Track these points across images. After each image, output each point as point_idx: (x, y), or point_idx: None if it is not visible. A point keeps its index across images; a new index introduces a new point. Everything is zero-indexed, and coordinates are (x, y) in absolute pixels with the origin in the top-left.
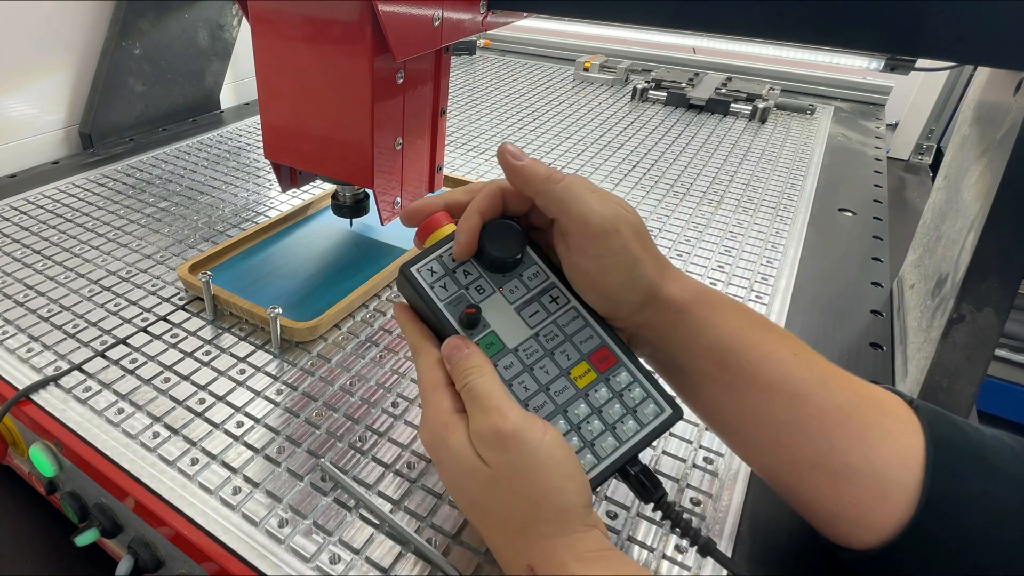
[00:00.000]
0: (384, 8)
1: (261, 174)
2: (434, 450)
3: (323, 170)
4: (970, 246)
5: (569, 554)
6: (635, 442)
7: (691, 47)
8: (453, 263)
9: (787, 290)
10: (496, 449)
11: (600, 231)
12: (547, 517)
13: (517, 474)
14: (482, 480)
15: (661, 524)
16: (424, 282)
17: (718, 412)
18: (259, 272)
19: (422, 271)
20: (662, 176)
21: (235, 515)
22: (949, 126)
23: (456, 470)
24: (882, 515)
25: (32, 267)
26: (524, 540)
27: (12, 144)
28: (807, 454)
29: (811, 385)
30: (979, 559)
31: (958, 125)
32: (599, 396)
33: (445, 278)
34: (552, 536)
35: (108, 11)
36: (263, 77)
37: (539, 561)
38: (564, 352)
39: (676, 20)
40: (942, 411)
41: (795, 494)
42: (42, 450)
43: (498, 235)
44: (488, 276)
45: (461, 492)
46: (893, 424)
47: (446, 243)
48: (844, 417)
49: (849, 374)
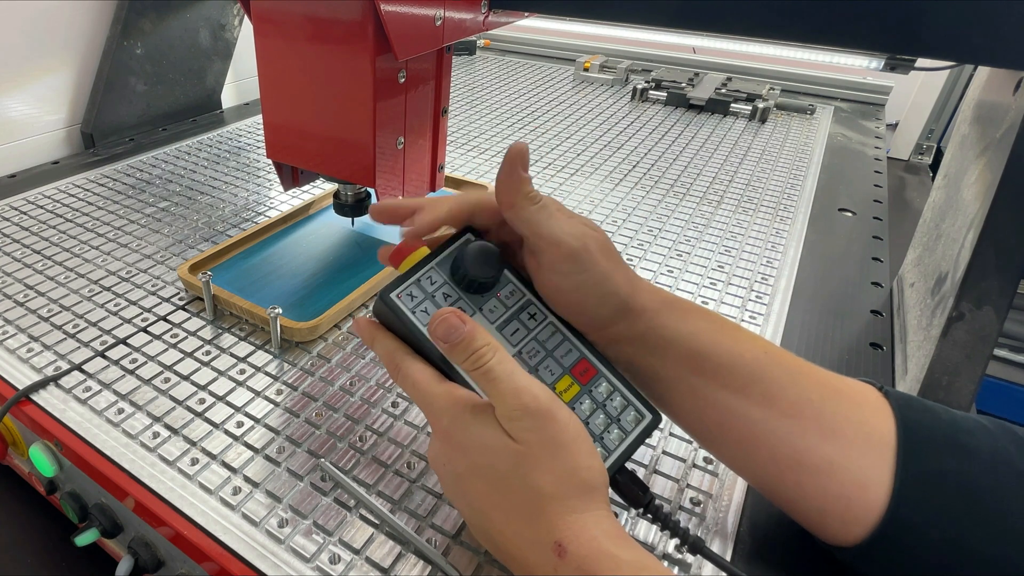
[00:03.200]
0: (386, 8)
1: (261, 174)
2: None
3: (325, 169)
4: (969, 244)
5: (598, 529)
6: (622, 451)
7: (691, 47)
8: (432, 285)
9: (787, 290)
10: (531, 428)
11: (570, 250)
12: (576, 492)
13: (552, 448)
14: (514, 457)
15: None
16: (406, 308)
17: (695, 417)
18: (259, 272)
19: (402, 297)
20: (662, 176)
21: (235, 515)
22: (949, 126)
23: (483, 452)
24: (863, 505)
25: (32, 267)
26: (550, 517)
27: (12, 144)
28: (785, 451)
29: (782, 383)
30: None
31: (958, 124)
32: (584, 409)
33: (426, 302)
34: (581, 511)
35: (109, 11)
36: (265, 77)
37: (568, 536)
38: (547, 368)
39: (676, 20)
40: (912, 396)
41: (780, 493)
42: (42, 450)
43: (476, 255)
44: (467, 297)
45: (479, 474)
46: (865, 413)
47: (422, 266)
48: (817, 411)
49: (819, 368)
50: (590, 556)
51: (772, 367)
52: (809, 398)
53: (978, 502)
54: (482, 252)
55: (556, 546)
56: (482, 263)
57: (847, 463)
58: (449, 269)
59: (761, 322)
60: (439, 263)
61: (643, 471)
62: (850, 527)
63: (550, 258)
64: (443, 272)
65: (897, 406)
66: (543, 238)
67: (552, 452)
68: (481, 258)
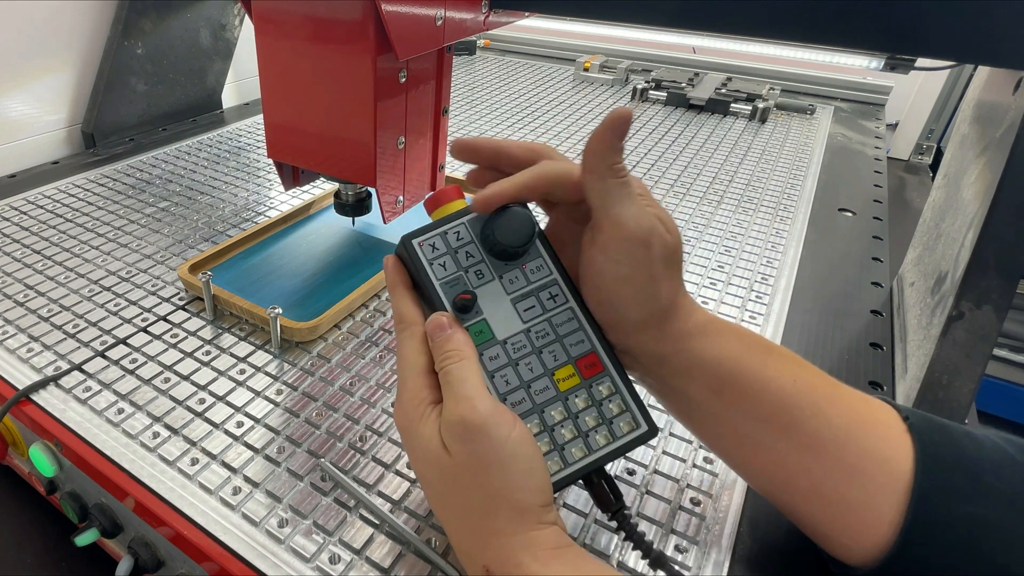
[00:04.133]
0: (387, 7)
1: (261, 174)
2: (405, 435)
3: (326, 169)
4: (969, 244)
5: (526, 552)
6: (604, 453)
7: (691, 47)
8: (457, 241)
9: (787, 290)
10: (462, 439)
11: (630, 237)
12: (505, 514)
13: (480, 467)
14: (445, 470)
15: (661, 524)
16: (424, 257)
17: (713, 436)
18: (259, 272)
19: (424, 245)
20: (662, 176)
21: (235, 515)
22: (949, 126)
23: (422, 458)
24: (871, 539)
25: (32, 267)
26: (481, 536)
27: (13, 144)
28: (803, 484)
29: (807, 414)
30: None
31: (958, 124)
32: (578, 402)
33: (446, 256)
34: (509, 534)
35: (110, 11)
36: (266, 76)
37: (494, 560)
38: (552, 352)
39: (677, 20)
40: (939, 423)
41: (790, 513)
42: (42, 450)
43: (508, 221)
44: (490, 262)
45: (426, 481)
46: (885, 447)
47: (454, 219)
48: (837, 446)
49: (847, 391)
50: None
51: (798, 396)
52: (831, 430)
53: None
54: (517, 219)
55: (484, 569)
56: (514, 231)
57: (862, 499)
58: (480, 229)
59: (761, 322)
60: (471, 221)
61: (643, 471)
62: (854, 554)
63: (606, 238)
64: (473, 230)
65: (918, 439)
66: (608, 216)
67: (481, 470)
68: (515, 225)
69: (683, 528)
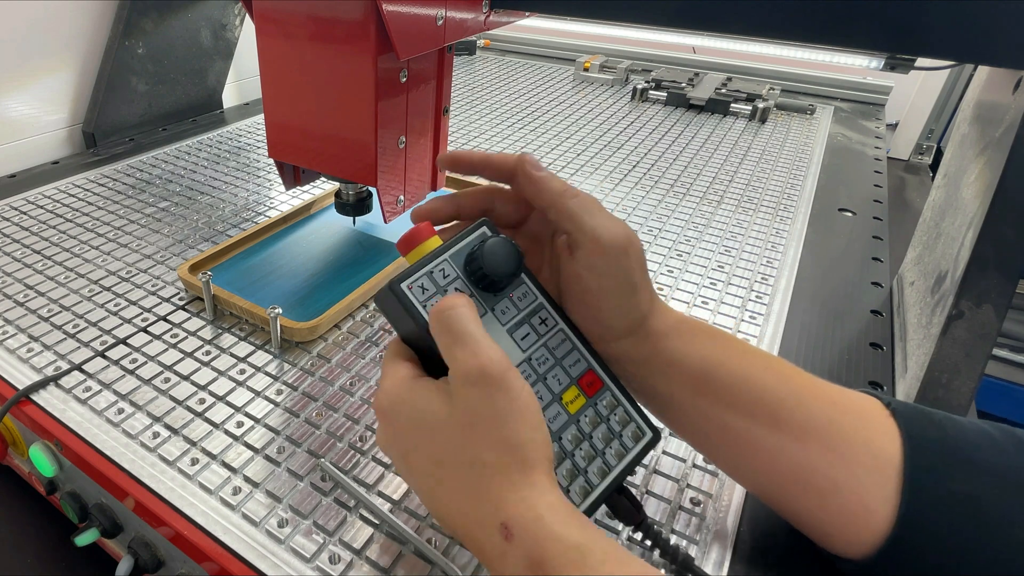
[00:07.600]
0: (388, 7)
1: (261, 174)
2: (389, 412)
3: (327, 168)
4: (969, 243)
5: (543, 506)
6: (620, 470)
7: (691, 47)
8: (444, 279)
9: (787, 290)
10: (480, 389)
11: (611, 247)
12: (517, 466)
13: (496, 418)
14: (451, 427)
15: (661, 525)
16: (415, 300)
17: (702, 436)
18: (259, 272)
19: (413, 288)
20: (662, 176)
21: (235, 515)
22: (949, 126)
23: (415, 427)
24: (868, 526)
25: (32, 267)
26: (494, 492)
27: (13, 144)
28: (791, 472)
29: (789, 404)
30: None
31: (957, 123)
32: (587, 422)
33: (436, 295)
34: (523, 486)
35: (111, 11)
36: (267, 76)
37: (513, 515)
38: (556, 377)
39: (676, 20)
40: (920, 408)
41: (786, 509)
42: (42, 450)
43: (494, 252)
44: (479, 295)
45: (422, 451)
46: (871, 432)
47: (434, 258)
48: (823, 433)
49: (826, 384)
50: (537, 541)
51: (778, 388)
52: (815, 419)
53: (984, 521)
54: (503, 248)
55: (503, 528)
56: (503, 260)
57: (853, 484)
58: (463, 263)
59: (761, 322)
60: (453, 256)
61: (643, 471)
62: (854, 546)
63: (587, 253)
64: (456, 265)
65: (903, 422)
66: (584, 232)
67: (498, 423)
68: (502, 255)
69: (683, 528)
